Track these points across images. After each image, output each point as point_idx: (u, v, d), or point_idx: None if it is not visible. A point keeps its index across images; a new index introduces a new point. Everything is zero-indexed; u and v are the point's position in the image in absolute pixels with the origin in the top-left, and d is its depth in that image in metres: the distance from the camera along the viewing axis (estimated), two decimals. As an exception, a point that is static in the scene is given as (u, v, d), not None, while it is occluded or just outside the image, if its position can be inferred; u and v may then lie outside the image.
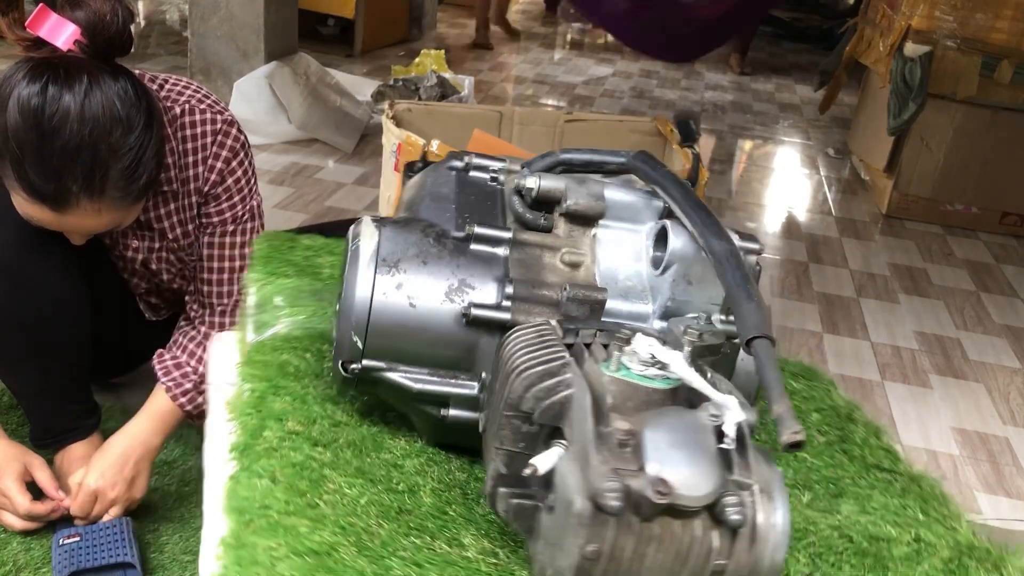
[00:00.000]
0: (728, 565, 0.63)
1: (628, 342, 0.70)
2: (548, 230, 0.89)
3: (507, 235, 0.86)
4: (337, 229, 1.59)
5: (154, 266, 1.41)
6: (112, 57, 1.13)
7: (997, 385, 2.19)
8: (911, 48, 3.04)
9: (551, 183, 0.88)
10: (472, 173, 0.98)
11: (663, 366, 0.68)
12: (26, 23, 1.08)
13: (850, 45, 3.66)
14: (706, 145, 3.90)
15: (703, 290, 0.83)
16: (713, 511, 0.62)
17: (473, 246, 0.86)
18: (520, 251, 0.87)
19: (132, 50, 1.14)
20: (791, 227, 3.12)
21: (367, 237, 0.86)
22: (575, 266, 0.87)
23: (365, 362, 0.85)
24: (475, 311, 0.81)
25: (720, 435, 0.64)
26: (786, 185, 3.62)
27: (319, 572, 0.70)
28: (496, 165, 0.98)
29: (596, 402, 0.65)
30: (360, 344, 0.84)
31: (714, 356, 0.75)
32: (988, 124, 3.06)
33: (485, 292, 0.84)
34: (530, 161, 0.97)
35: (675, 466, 0.62)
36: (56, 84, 1.07)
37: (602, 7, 4.12)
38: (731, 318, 0.81)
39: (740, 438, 0.65)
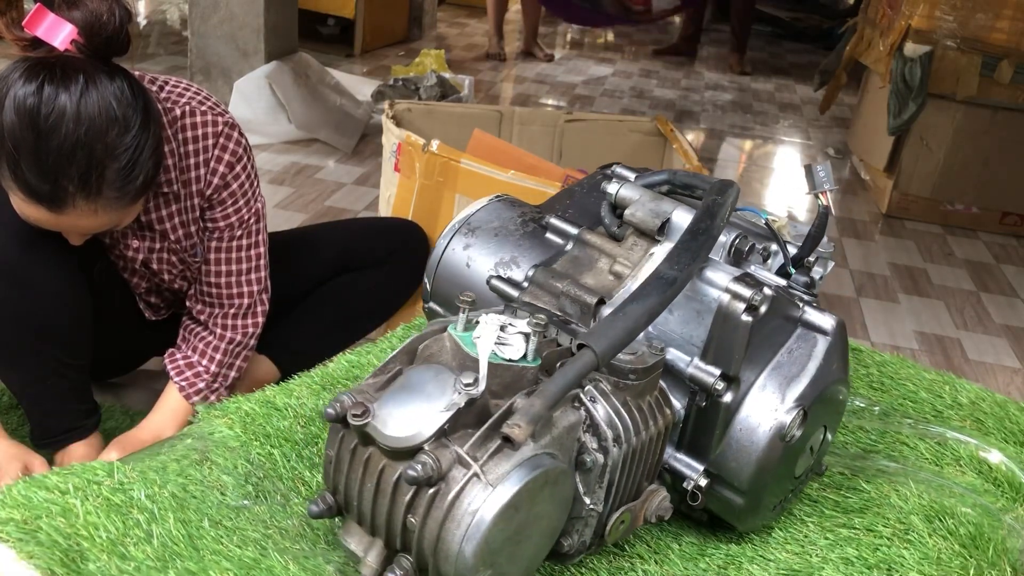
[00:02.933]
0: (417, 526, 0.67)
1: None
2: (617, 238, 0.92)
3: (574, 231, 0.93)
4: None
5: (155, 266, 1.41)
6: (109, 57, 1.13)
7: (997, 385, 2.19)
8: (911, 48, 3.04)
9: (627, 193, 0.92)
10: (610, 179, 1.02)
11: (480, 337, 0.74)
12: (23, 23, 1.08)
13: (850, 45, 3.66)
14: (702, 144, 3.90)
15: (683, 324, 0.83)
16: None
17: (547, 234, 0.95)
18: (580, 249, 0.92)
19: (131, 50, 1.14)
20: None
21: (477, 203, 1.00)
22: (618, 276, 0.89)
23: (431, 304, 0.98)
24: (493, 280, 0.91)
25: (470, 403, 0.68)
26: (786, 185, 3.62)
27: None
28: (626, 173, 1.01)
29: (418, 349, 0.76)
30: (429, 286, 0.98)
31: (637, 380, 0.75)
32: (988, 124, 3.05)
33: (521, 271, 0.92)
34: (645, 173, 0.99)
35: (388, 404, 0.68)
36: (52, 84, 1.07)
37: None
38: (696, 362, 0.81)
39: (481, 418, 0.68)
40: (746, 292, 0.78)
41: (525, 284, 0.90)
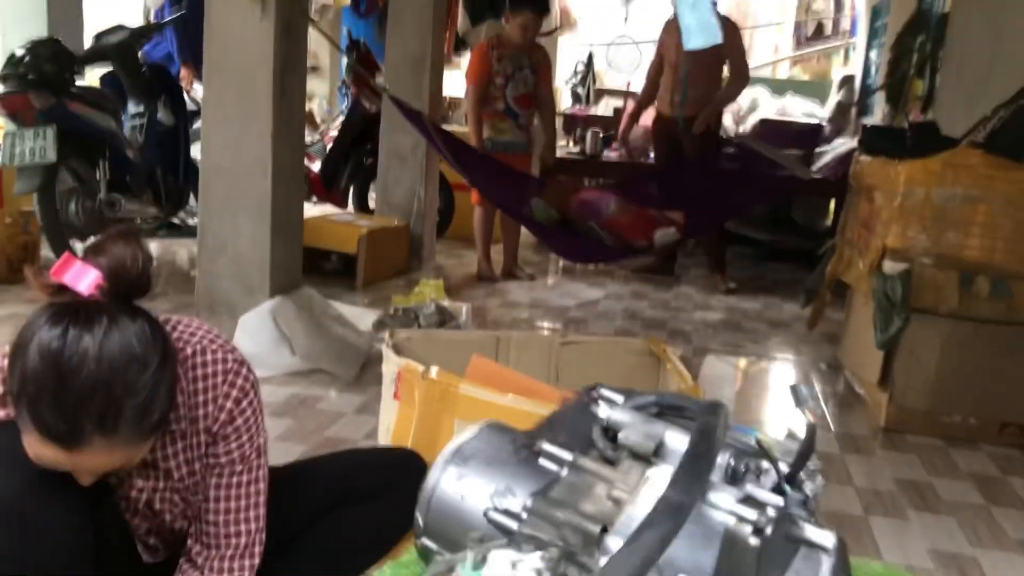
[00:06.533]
0: None
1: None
2: (612, 462, 0.93)
3: (568, 457, 0.93)
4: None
5: (157, 506, 1.39)
6: (131, 299, 1.18)
7: (1022, 604, 2.11)
8: (889, 266, 3.16)
9: (619, 416, 0.94)
10: (598, 403, 1.03)
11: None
12: (51, 271, 1.14)
13: (831, 265, 3.81)
14: (695, 362, 3.96)
15: (690, 549, 0.82)
16: None
17: (540, 460, 0.94)
18: (576, 475, 0.92)
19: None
20: (792, 443, 3.09)
21: (468, 432, 0.99)
22: (617, 502, 0.89)
23: (423, 540, 0.95)
24: (491, 513, 0.89)
25: None
26: (783, 402, 3.64)
27: None
28: (613, 396, 1.02)
29: None
30: (421, 521, 0.95)
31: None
32: (973, 336, 3.12)
33: (518, 500, 0.90)
34: (632, 394, 1.01)
35: None
36: (76, 327, 1.11)
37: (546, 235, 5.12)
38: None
39: None
40: (752, 515, 0.79)
41: (524, 515, 0.88)
